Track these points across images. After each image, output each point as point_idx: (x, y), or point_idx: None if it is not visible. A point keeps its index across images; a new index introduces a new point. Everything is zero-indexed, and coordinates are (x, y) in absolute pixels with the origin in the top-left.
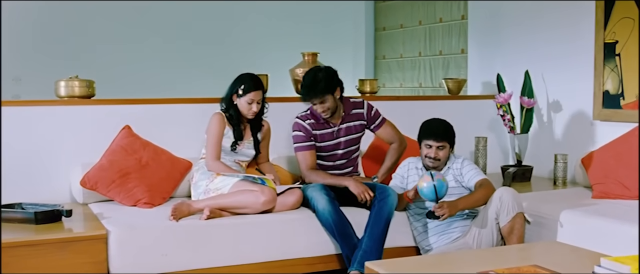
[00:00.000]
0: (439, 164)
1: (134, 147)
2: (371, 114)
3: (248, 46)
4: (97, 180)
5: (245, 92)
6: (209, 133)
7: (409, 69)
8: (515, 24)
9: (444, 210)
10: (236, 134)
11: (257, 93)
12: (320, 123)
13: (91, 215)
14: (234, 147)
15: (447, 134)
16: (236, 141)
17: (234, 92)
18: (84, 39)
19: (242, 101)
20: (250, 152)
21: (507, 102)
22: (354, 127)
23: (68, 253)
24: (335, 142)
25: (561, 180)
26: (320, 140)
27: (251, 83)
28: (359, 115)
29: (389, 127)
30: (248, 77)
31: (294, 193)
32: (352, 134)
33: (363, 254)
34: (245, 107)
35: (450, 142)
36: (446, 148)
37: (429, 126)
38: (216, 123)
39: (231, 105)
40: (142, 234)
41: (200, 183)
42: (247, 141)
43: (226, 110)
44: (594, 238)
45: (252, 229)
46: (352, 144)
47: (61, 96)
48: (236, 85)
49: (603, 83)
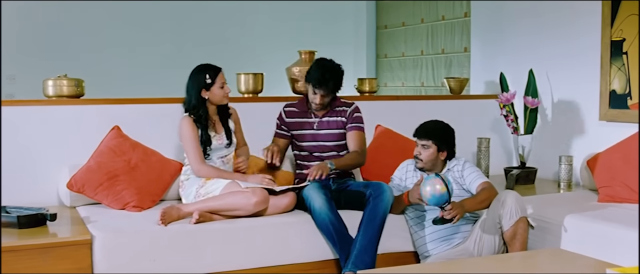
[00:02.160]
0: (423, 165)
1: (123, 148)
2: (353, 115)
3: (247, 45)
4: (84, 182)
5: (213, 79)
6: (185, 140)
7: (411, 68)
8: (519, 22)
9: (456, 211)
10: (204, 139)
11: (222, 74)
12: (303, 112)
13: (78, 219)
14: (206, 155)
15: (434, 134)
16: (206, 147)
17: (202, 86)
18: (74, 38)
19: (214, 89)
20: (229, 143)
21: (511, 102)
22: (335, 123)
23: (51, 259)
24: (313, 133)
25: (566, 183)
26: (297, 128)
27: (212, 69)
28: (343, 112)
29: (360, 137)
30: (205, 66)
31: (287, 195)
32: (332, 129)
33: (357, 253)
34: (220, 93)
35: (439, 142)
36: (431, 149)
37: (421, 124)
38: (188, 127)
39: (201, 103)
40: (129, 239)
41: (191, 189)
42: (221, 134)
43: (195, 110)
44: (599, 245)
45: (244, 234)
46: (332, 139)
47: (49, 96)
48: (200, 79)
49: (609, 82)
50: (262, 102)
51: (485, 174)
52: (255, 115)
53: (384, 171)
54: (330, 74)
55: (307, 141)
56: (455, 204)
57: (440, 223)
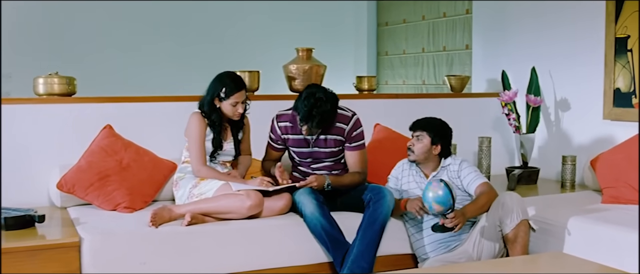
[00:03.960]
0: (416, 157)
1: (114, 147)
2: (352, 133)
3: (247, 44)
4: (74, 183)
5: (228, 95)
6: (190, 136)
7: (412, 66)
8: (521, 19)
9: (458, 220)
10: (216, 142)
11: (240, 94)
12: (296, 128)
13: (68, 220)
14: (213, 158)
15: (428, 126)
16: (216, 150)
17: (216, 95)
18: (67, 35)
19: (226, 104)
20: (233, 151)
21: (513, 101)
22: (331, 141)
23: (38, 262)
24: (308, 151)
25: (569, 183)
26: (291, 145)
27: (233, 84)
28: (340, 130)
29: (362, 156)
30: (228, 79)
31: (283, 197)
32: (327, 147)
33: (354, 258)
34: (230, 110)
35: (432, 135)
36: (424, 140)
37: (418, 119)
38: (197, 124)
39: (213, 109)
40: (118, 241)
41: (184, 188)
42: (229, 142)
43: (208, 115)
44: (603, 249)
45: (237, 236)
46: (326, 157)
47: (40, 94)
48: (217, 88)
49: (614, 80)
50: (258, 100)
51: (486, 174)
52: (251, 114)
53: (382, 171)
54: (319, 118)
55: (303, 157)
56: (457, 213)
57: (440, 230)
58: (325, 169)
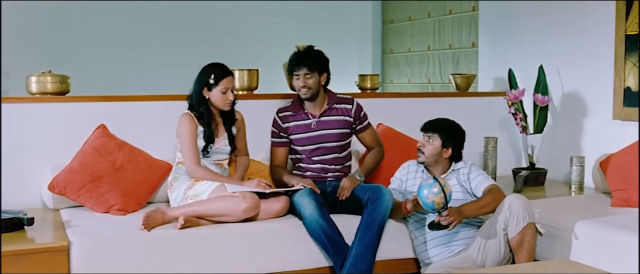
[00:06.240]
0: (425, 159)
1: (108, 148)
2: (360, 114)
3: (250, 42)
4: (66, 184)
5: (217, 81)
6: (181, 137)
7: (417, 64)
8: (529, 16)
9: (452, 217)
10: (207, 135)
11: (229, 79)
12: (298, 113)
13: (59, 223)
14: (206, 152)
15: (441, 128)
16: (208, 144)
17: (204, 85)
18: (62, 33)
19: (215, 92)
20: (227, 148)
21: (520, 100)
22: (337, 122)
23: (26, 266)
24: (312, 136)
25: (577, 185)
26: (294, 132)
27: (220, 70)
28: (346, 110)
29: (374, 131)
30: (216, 66)
31: (280, 199)
32: (333, 128)
33: (352, 261)
34: (221, 98)
35: (444, 137)
36: (435, 142)
37: (430, 119)
38: (187, 124)
39: (202, 101)
40: (109, 245)
41: (178, 189)
42: (222, 138)
43: (196, 108)
44: (612, 255)
45: (232, 240)
46: (333, 140)
47: (33, 93)
48: (205, 76)
49: (624, 79)
50: (258, 99)
51: (492, 175)
52: (250, 113)
53: (385, 173)
54: (306, 51)
55: (305, 144)
56: (452, 210)
57: (436, 228)
58: (327, 163)
